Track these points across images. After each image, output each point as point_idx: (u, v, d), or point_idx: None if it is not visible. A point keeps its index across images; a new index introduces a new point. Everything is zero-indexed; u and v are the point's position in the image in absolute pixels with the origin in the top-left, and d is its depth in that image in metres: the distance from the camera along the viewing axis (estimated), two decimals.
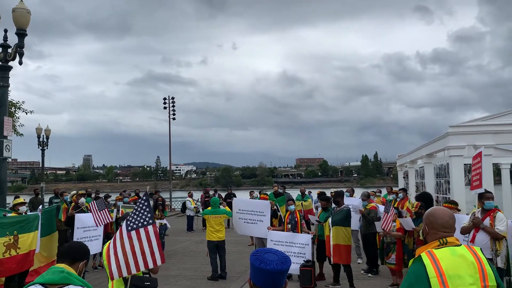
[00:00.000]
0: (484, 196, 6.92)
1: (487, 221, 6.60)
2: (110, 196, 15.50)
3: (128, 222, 3.93)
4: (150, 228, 3.95)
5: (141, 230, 3.91)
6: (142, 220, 3.94)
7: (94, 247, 9.87)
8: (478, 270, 2.56)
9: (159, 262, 4.09)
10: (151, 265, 4.02)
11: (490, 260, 6.37)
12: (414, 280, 2.57)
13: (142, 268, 3.98)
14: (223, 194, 21.74)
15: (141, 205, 4.01)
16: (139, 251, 3.90)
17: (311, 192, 18.17)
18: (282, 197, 14.09)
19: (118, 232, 3.94)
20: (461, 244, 2.71)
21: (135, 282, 4.52)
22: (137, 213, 3.96)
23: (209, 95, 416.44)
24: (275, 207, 11.09)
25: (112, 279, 3.85)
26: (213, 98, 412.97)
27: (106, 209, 10.14)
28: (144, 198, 4.09)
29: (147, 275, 4.82)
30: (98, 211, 9.90)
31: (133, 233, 3.88)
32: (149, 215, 3.96)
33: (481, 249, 2.75)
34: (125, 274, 3.86)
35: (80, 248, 3.22)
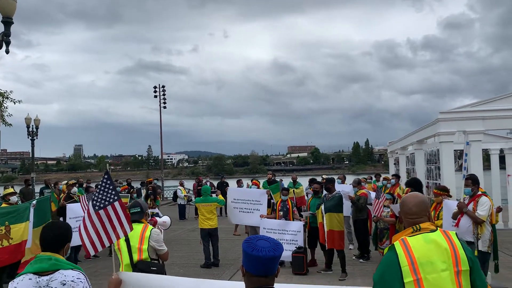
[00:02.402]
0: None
1: (471, 206, 6.76)
2: None
3: (95, 203, 3.95)
4: (116, 203, 4.01)
5: (109, 208, 3.97)
6: (108, 199, 3.97)
7: None
8: (451, 255, 2.58)
9: (128, 231, 4.14)
10: (121, 235, 4.06)
11: (471, 244, 6.52)
12: (387, 268, 2.61)
13: (114, 240, 4.03)
14: (215, 183, 21.73)
15: (104, 184, 4.02)
16: (109, 226, 3.96)
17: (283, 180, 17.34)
18: (275, 185, 14.16)
19: (86, 214, 3.97)
20: (436, 229, 2.73)
21: (140, 267, 4.67)
22: (101, 192, 3.98)
23: (201, 83, 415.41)
24: (269, 196, 11.15)
25: (89, 256, 3.94)
26: (205, 87, 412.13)
27: None
28: (106, 176, 4.07)
29: (156, 261, 4.92)
30: (87, 205, 9.86)
31: (102, 212, 3.94)
32: (113, 192, 3.98)
33: (456, 233, 2.77)
34: (100, 249, 3.94)
35: (60, 237, 3.03)
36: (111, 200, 3.96)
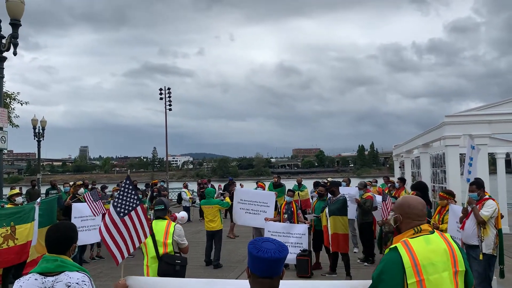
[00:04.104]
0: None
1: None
2: (107, 187, 15.52)
3: (118, 209, 3.94)
4: (138, 208, 4.05)
5: (132, 213, 3.98)
6: (131, 204, 3.98)
7: (91, 237, 9.89)
8: (450, 256, 2.66)
9: (148, 235, 4.26)
10: (143, 239, 4.13)
11: (476, 247, 6.55)
12: (388, 268, 2.64)
13: (137, 245, 4.07)
14: (216, 185, 21.82)
15: (126, 189, 4.02)
16: (134, 231, 4.00)
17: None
18: (281, 188, 14.17)
19: (108, 219, 3.94)
20: (434, 231, 2.79)
21: (166, 260, 5.14)
22: (124, 197, 3.97)
23: (206, 86, 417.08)
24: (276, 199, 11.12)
25: (117, 264, 3.92)
26: (210, 89, 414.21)
27: (99, 201, 10.16)
28: (128, 181, 4.09)
29: (178, 254, 5.36)
30: (93, 202, 9.94)
31: (126, 218, 3.95)
32: (135, 197, 4.02)
33: (451, 235, 2.88)
34: (126, 255, 3.95)
35: (63, 239, 2.99)
36: (134, 206, 4.00)
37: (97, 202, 10.02)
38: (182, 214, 6.89)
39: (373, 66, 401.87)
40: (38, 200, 8.51)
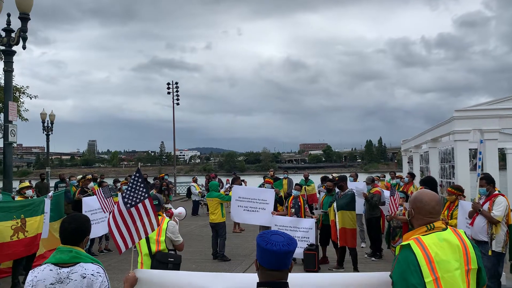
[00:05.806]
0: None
1: (487, 206, 6.67)
2: (119, 181, 15.65)
3: (126, 200, 3.98)
4: (146, 201, 4.06)
5: (140, 206, 4.01)
6: (139, 196, 4.01)
7: (101, 229, 9.99)
8: (463, 253, 2.61)
9: (155, 227, 4.21)
10: (149, 232, 4.13)
11: (485, 243, 6.48)
12: (406, 267, 2.57)
13: (143, 236, 4.09)
14: (224, 180, 21.87)
15: (135, 182, 4.06)
16: (140, 222, 4.03)
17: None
18: (278, 182, 14.29)
19: (116, 209, 3.99)
20: (447, 228, 2.73)
21: (159, 258, 4.92)
22: (132, 189, 4.01)
23: (214, 80, 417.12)
24: (280, 194, 11.14)
25: (120, 253, 3.95)
26: (218, 84, 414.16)
27: (111, 197, 10.27)
28: (137, 174, 4.12)
29: (173, 252, 5.15)
30: (104, 198, 10.04)
31: (133, 209, 3.98)
32: (144, 190, 4.04)
33: (465, 232, 2.79)
34: (130, 245, 3.98)
35: (79, 230, 3.02)
36: (141, 198, 4.02)
37: (108, 199, 10.13)
38: (180, 210, 6.66)
39: (381, 61, 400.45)
40: (50, 193, 8.59)
